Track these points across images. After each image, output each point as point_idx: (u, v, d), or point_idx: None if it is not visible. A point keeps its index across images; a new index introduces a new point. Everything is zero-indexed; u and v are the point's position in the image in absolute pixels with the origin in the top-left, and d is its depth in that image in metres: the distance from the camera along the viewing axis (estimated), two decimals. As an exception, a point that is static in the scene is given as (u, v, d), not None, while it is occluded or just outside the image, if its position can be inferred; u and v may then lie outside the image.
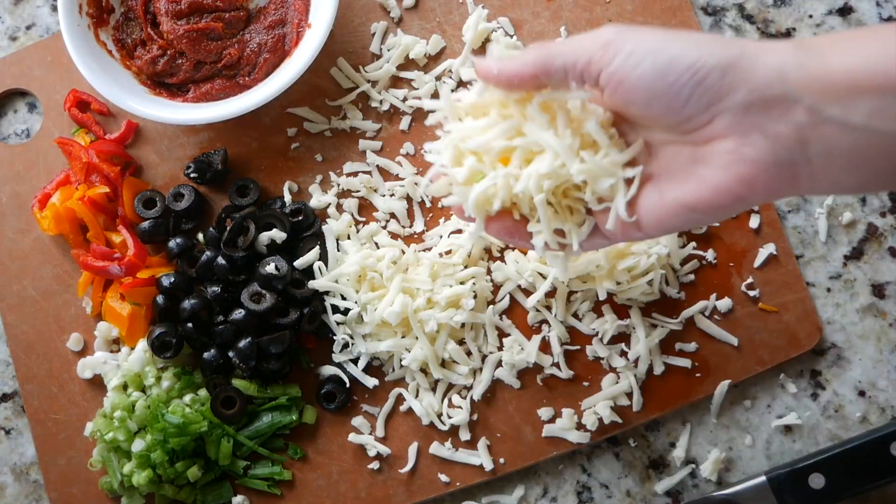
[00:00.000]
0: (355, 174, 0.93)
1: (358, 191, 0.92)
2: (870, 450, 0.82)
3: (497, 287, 0.90)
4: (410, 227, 0.92)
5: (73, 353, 0.92)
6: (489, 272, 0.90)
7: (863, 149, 0.56)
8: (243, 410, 0.87)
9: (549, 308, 0.89)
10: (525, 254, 0.89)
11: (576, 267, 0.86)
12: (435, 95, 0.93)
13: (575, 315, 0.89)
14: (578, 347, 0.89)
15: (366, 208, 0.93)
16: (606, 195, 0.66)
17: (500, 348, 0.89)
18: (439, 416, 0.88)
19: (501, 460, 0.88)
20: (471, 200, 0.68)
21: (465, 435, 0.88)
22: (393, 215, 0.92)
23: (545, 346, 0.89)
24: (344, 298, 0.88)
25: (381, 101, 0.93)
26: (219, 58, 0.91)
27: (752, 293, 0.89)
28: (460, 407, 0.88)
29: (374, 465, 0.88)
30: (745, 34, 0.94)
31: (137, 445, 0.85)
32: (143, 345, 0.89)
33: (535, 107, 0.66)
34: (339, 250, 0.90)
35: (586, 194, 0.67)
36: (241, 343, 0.86)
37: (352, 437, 0.89)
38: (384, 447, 0.88)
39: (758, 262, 0.89)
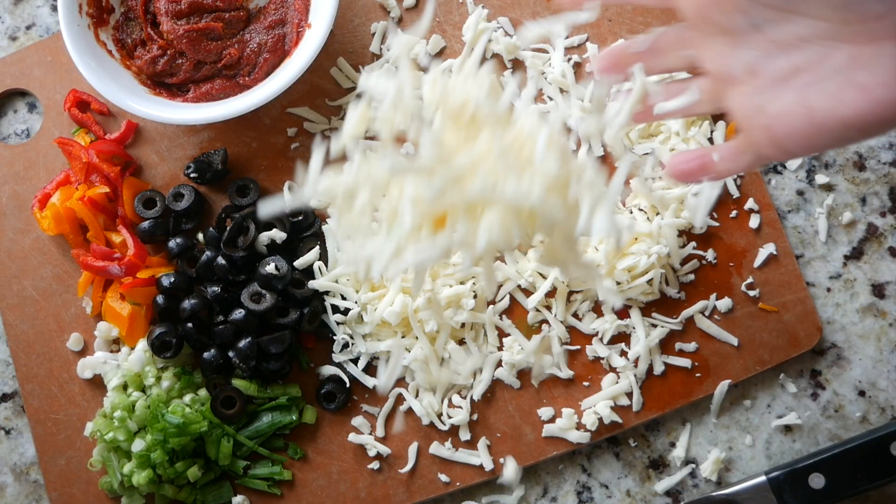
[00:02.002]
0: (355, 174, 0.93)
1: (358, 191, 0.92)
2: (870, 450, 0.82)
3: (497, 287, 0.90)
4: (410, 227, 0.92)
5: (73, 353, 0.92)
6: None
7: None
8: (243, 410, 0.87)
9: (549, 308, 0.89)
10: (525, 253, 0.89)
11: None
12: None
13: (575, 315, 0.89)
14: (578, 347, 0.89)
15: (366, 208, 0.92)
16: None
17: (500, 348, 0.89)
18: (439, 416, 0.88)
19: (501, 460, 0.88)
20: (410, 262, 0.62)
21: (465, 435, 0.88)
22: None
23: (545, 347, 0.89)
24: (344, 298, 0.88)
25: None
26: (219, 58, 0.91)
27: (752, 293, 0.89)
28: (460, 407, 0.88)
29: (374, 465, 0.88)
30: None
31: (137, 445, 0.85)
32: (143, 345, 0.89)
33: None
34: (339, 250, 0.90)
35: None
36: (241, 343, 0.86)
37: (352, 437, 0.89)
38: (384, 447, 0.88)
39: (758, 262, 0.89)
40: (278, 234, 0.88)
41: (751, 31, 0.58)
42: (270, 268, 0.86)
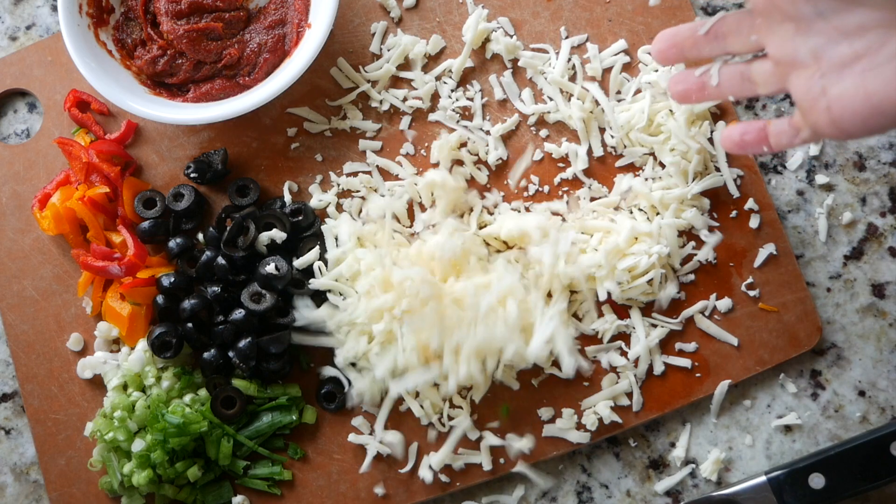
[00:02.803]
0: (355, 174, 0.93)
1: (358, 191, 0.92)
2: (870, 450, 0.82)
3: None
4: (410, 227, 0.92)
5: (73, 353, 0.92)
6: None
7: None
8: (243, 410, 0.87)
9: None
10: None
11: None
12: (435, 96, 0.93)
13: (575, 315, 0.89)
14: (579, 347, 0.89)
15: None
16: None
17: (500, 348, 0.89)
18: (439, 417, 0.88)
19: (501, 460, 0.88)
20: (405, 387, 0.83)
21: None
22: (393, 215, 0.92)
23: (545, 346, 0.89)
24: (344, 298, 0.88)
25: (381, 101, 0.93)
26: (219, 58, 0.91)
27: (752, 293, 0.89)
28: (460, 407, 0.88)
29: (374, 467, 0.88)
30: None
31: (137, 445, 0.85)
32: (143, 345, 0.89)
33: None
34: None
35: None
36: (241, 343, 0.86)
37: (352, 437, 0.89)
38: (384, 447, 0.88)
39: (758, 262, 0.89)
40: (278, 234, 0.88)
41: (816, 19, 0.63)
42: (270, 268, 0.86)
